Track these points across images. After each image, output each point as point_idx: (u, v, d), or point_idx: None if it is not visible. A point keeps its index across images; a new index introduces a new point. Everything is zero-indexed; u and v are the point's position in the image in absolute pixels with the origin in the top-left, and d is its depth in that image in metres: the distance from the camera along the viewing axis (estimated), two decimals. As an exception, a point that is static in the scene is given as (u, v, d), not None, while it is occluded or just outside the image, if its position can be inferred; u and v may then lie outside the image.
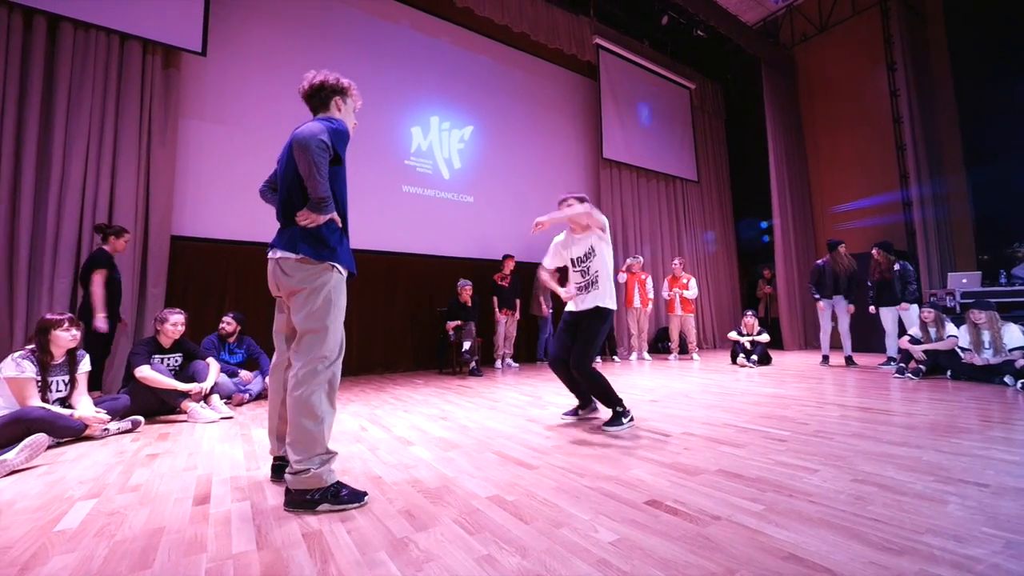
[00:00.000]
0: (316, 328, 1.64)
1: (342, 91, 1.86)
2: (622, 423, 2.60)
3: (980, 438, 2.18)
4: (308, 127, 1.63)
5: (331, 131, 1.66)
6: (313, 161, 1.57)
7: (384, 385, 4.52)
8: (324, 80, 1.83)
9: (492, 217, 6.68)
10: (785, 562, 1.13)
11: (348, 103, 1.89)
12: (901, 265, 4.89)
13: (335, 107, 1.85)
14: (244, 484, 1.81)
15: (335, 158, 1.69)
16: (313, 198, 1.63)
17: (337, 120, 1.75)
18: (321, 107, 1.84)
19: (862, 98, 7.97)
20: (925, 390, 3.56)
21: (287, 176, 1.75)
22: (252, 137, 4.91)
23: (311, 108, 1.86)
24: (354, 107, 1.94)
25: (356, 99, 1.94)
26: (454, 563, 1.17)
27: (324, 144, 1.60)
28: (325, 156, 1.61)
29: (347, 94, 1.88)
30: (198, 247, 4.61)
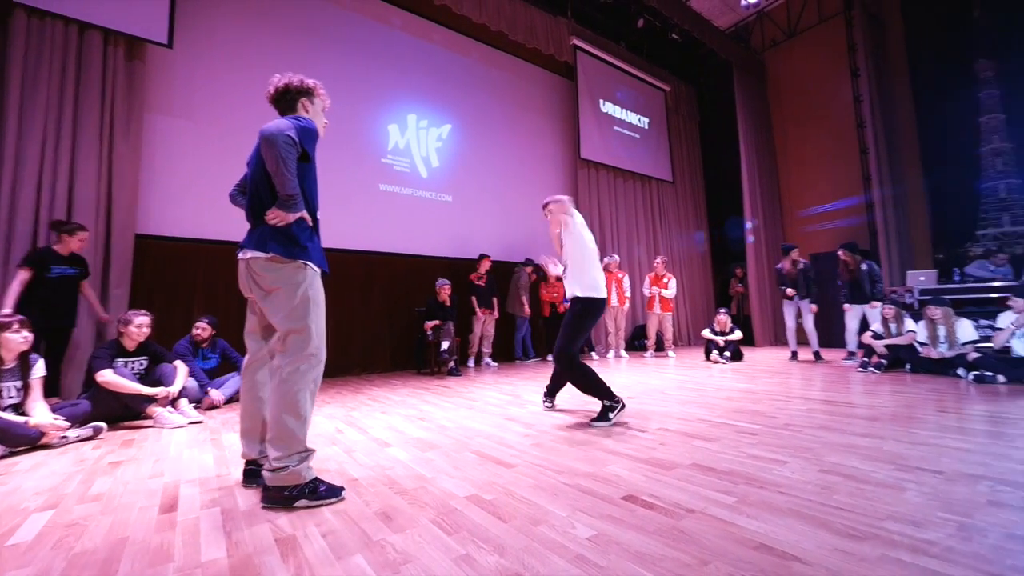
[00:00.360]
0: (299, 327, 1.65)
1: (308, 92, 1.85)
2: (608, 419, 2.61)
3: (936, 428, 2.29)
4: (275, 123, 1.62)
5: (298, 128, 1.65)
6: (280, 156, 1.56)
7: (361, 386, 4.46)
8: (289, 83, 1.82)
9: (470, 216, 6.65)
10: (756, 552, 1.16)
11: (316, 103, 1.89)
12: (868, 265, 5.09)
13: (302, 108, 1.85)
14: (214, 490, 1.76)
15: (303, 155, 1.68)
16: (281, 195, 1.62)
17: (305, 119, 1.74)
18: (288, 110, 1.84)
19: (828, 103, 8.27)
20: (887, 383, 3.72)
21: (256, 175, 1.73)
22: (223, 134, 4.76)
23: (279, 112, 1.85)
24: (322, 107, 1.93)
25: (323, 99, 1.93)
26: (431, 564, 1.16)
27: (291, 140, 1.59)
28: (292, 152, 1.60)
29: (313, 95, 1.87)
30: (165, 246, 4.44)
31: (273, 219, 1.65)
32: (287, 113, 1.83)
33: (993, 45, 6.76)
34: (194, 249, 4.58)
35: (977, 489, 1.50)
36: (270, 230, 1.67)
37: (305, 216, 1.72)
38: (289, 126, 1.61)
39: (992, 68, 6.78)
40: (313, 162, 1.77)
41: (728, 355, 5.61)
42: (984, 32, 6.83)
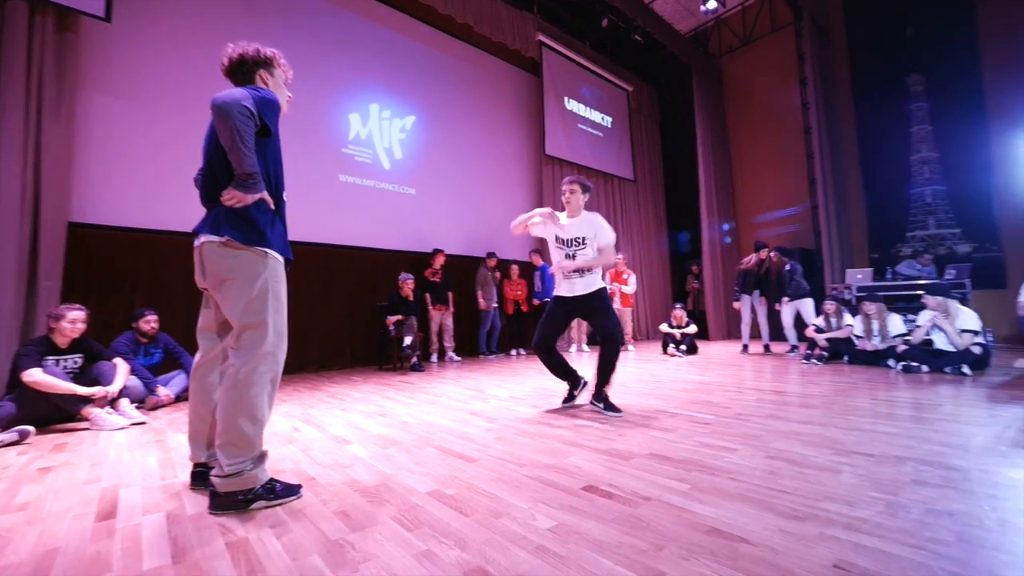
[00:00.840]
0: (255, 323, 1.52)
1: (266, 63, 1.71)
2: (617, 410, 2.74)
3: (869, 414, 2.47)
4: (228, 92, 1.47)
5: (257, 98, 1.50)
6: (236, 129, 1.42)
7: (320, 383, 4.33)
8: (244, 53, 1.67)
9: (435, 210, 6.57)
10: (707, 535, 1.22)
11: (276, 75, 1.75)
12: (791, 265, 5.51)
13: (260, 81, 1.70)
14: (158, 494, 1.66)
15: (263, 130, 1.54)
16: (238, 173, 1.47)
17: (264, 89, 1.61)
18: (245, 82, 1.68)
19: (778, 108, 8.70)
20: (827, 374, 3.98)
21: (210, 151, 1.59)
22: (171, 116, 4.46)
23: (235, 84, 1.70)
24: (284, 79, 1.78)
25: (284, 70, 1.78)
26: (391, 561, 1.15)
27: (248, 111, 1.45)
28: (250, 125, 1.46)
29: (272, 65, 1.73)
30: (103, 236, 4.13)
31: (229, 200, 1.50)
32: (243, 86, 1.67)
33: (923, 61, 7.31)
34: (137, 239, 4.28)
35: (903, 469, 1.63)
36: (226, 212, 1.52)
37: (266, 198, 1.57)
38: (245, 95, 1.47)
39: (922, 83, 7.33)
40: (274, 137, 1.63)
41: (684, 348, 5.83)
42: (916, 49, 7.38)
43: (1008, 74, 6.66)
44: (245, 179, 1.48)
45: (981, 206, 6.76)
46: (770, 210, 8.90)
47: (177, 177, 4.41)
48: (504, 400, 3.23)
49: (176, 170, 4.41)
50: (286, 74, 1.79)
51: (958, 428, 2.15)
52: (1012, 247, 6.50)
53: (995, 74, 6.76)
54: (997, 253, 6.60)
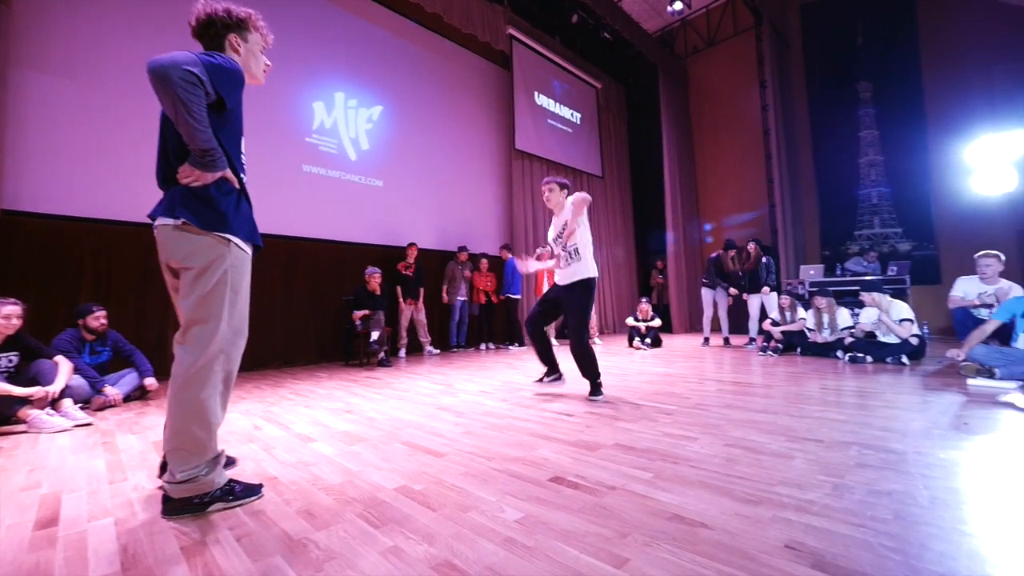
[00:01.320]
0: (205, 317, 1.39)
1: (238, 25, 1.52)
2: (602, 392, 2.96)
3: (819, 403, 2.62)
4: (170, 54, 1.26)
5: (207, 64, 1.31)
6: (179, 99, 1.23)
7: (282, 380, 4.19)
8: (212, 12, 1.48)
9: (403, 203, 6.45)
10: (669, 522, 1.26)
11: (251, 40, 1.55)
12: (767, 259, 5.72)
13: (230, 48, 1.51)
14: (105, 499, 1.57)
15: (218, 102, 1.37)
16: (193, 150, 1.31)
17: (221, 56, 1.41)
18: (214, 47, 1.50)
19: (740, 109, 9.01)
20: (782, 365, 4.18)
21: (161, 126, 1.44)
22: (114, 94, 4.18)
23: (204, 48, 1.52)
24: (261, 45, 1.59)
25: (263, 34, 1.58)
26: (357, 558, 1.13)
27: (192, 77, 1.25)
28: (196, 93, 1.27)
29: (245, 28, 1.53)
30: (42, 224, 3.84)
31: (186, 177, 1.35)
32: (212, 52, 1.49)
33: (871, 70, 7.74)
34: (81, 229, 4.01)
35: (848, 454, 1.74)
36: (182, 192, 1.37)
37: (229, 176, 1.43)
38: (190, 59, 1.27)
39: (870, 89, 7.76)
40: (232, 112, 1.45)
41: (649, 342, 6.00)
42: (865, 58, 7.80)
43: (946, 85, 7.14)
44: (202, 155, 1.33)
45: (920, 208, 7.25)
46: (731, 208, 9.23)
47: (126, 161, 4.16)
48: (473, 394, 3.23)
49: (125, 153, 4.16)
50: (264, 39, 1.59)
51: (897, 414, 2.31)
52: (946, 246, 7.01)
53: (934, 85, 7.24)
54: (933, 252, 7.10)
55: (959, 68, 7.03)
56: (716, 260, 6.09)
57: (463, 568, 1.07)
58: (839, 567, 1.01)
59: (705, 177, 9.65)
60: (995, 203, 6.68)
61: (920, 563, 1.02)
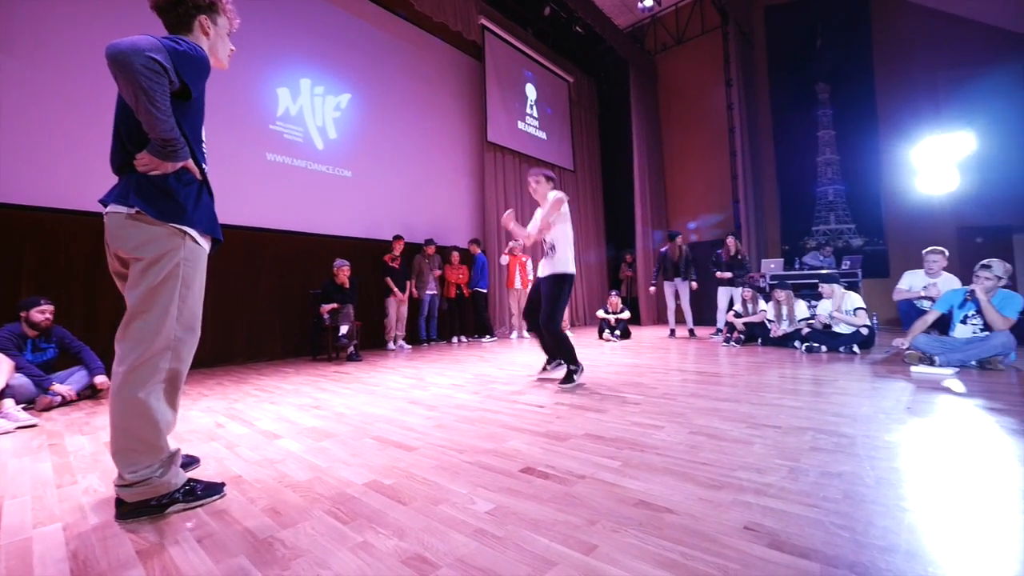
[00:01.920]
0: (149, 310, 1.31)
1: (209, 6, 1.45)
2: (573, 380, 3.07)
3: (777, 390, 2.74)
4: (130, 39, 1.19)
5: (171, 51, 1.24)
6: (141, 87, 1.16)
7: (246, 376, 4.06)
8: None
9: (373, 194, 6.31)
10: (636, 508, 1.30)
11: (220, 23, 1.49)
12: (742, 255, 5.93)
13: (200, 30, 1.45)
14: (53, 504, 1.49)
15: (183, 91, 1.31)
16: (154, 139, 1.24)
17: (187, 42, 1.33)
18: (180, 27, 1.43)
19: (707, 107, 9.23)
20: (744, 355, 4.35)
21: (117, 109, 1.36)
22: (58, 74, 3.89)
23: (167, 27, 1.44)
24: (228, 28, 1.53)
25: (230, 17, 1.53)
26: (325, 555, 1.11)
27: (155, 65, 1.18)
28: (161, 82, 1.20)
29: (215, 10, 1.47)
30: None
31: (143, 166, 1.29)
32: (179, 32, 1.42)
33: (829, 71, 8.07)
34: (20, 219, 3.73)
35: (803, 438, 1.83)
36: (137, 180, 1.30)
37: (191, 166, 1.37)
38: (153, 45, 1.20)
39: (827, 91, 8.10)
40: (196, 101, 1.38)
41: (618, 333, 6.12)
42: (823, 60, 8.13)
43: (896, 89, 7.53)
44: (163, 145, 1.26)
45: (871, 205, 7.66)
46: (698, 202, 9.48)
47: (72, 147, 3.91)
48: (445, 388, 3.22)
49: (71, 139, 3.90)
50: (231, 23, 1.54)
51: (848, 400, 2.45)
52: (895, 242, 7.43)
53: (885, 88, 7.63)
54: (883, 247, 7.52)
55: (907, 73, 7.43)
56: (664, 254, 6.28)
57: (433, 560, 1.07)
58: (793, 545, 1.07)
59: (673, 172, 9.86)
60: (938, 202, 7.12)
61: (866, 539, 1.08)
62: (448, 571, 1.03)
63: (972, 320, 3.42)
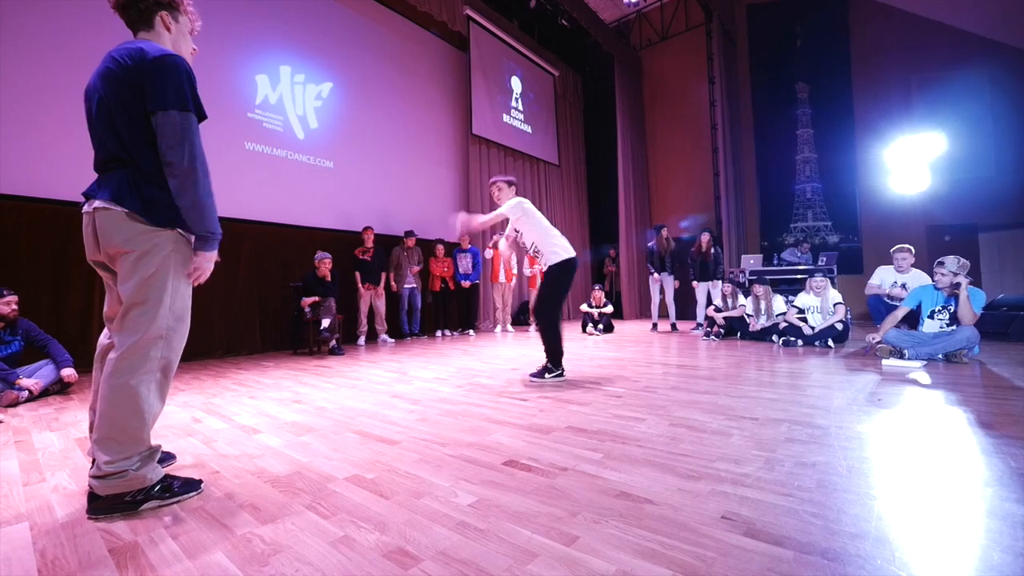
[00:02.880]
0: (144, 301, 1.32)
1: (169, 4, 1.45)
2: (544, 377, 3.03)
3: (755, 383, 2.80)
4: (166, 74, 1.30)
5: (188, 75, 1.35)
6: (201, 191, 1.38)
7: (225, 370, 3.97)
8: None
9: (355, 185, 6.21)
10: (617, 499, 1.32)
11: (181, 21, 1.50)
12: (716, 250, 6.02)
13: (161, 26, 1.44)
14: (19, 502, 1.43)
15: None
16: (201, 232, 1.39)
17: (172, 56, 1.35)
18: (142, 23, 1.42)
19: (690, 104, 9.33)
20: (723, 349, 4.44)
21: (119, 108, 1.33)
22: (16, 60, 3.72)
23: (128, 23, 1.43)
24: (189, 27, 1.53)
25: (192, 17, 1.53)
26: (305, 550, 1.10)
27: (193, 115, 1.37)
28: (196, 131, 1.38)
29: (176, 9, 1.48)
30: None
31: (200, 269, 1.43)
32: (140, 27, 1.41)
33: (809, 71, 8.22)
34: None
35: (779, 430, 1.88)
36: (131, 181, 1.32)
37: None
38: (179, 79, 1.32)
39: (806, 90, 8.26)
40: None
41: (602, 327, 6.18)
42: (803, 59, 8.27)
43: (871, 90, 7.72)
44: (211, 237, 1.40)
45: (847, 203, 7.86)
46: (680, 198, 9.59)
47: (30, 133, 3.74)
48: (428, 381, 3.21)
49: (30, 125, 3.73)
50: (192, 23, 1.54)
51: (823, 392, 2.52)
52: (869, 240, 7.65)
53: (861, 89, 7.81)
54: (857, 244, 7.73)
55: (882, 74, 7.62)
56: (652, 248, 6.36)
57: (415, 554, 1.07)
58: (769, 533, 1.10)
59: (657, 167, 9.95)
60: (910, 201, 7.35)
61: (838, 526, 1.12)
62: (430, 564, 1.03)
63: (939, 315, 3.55)
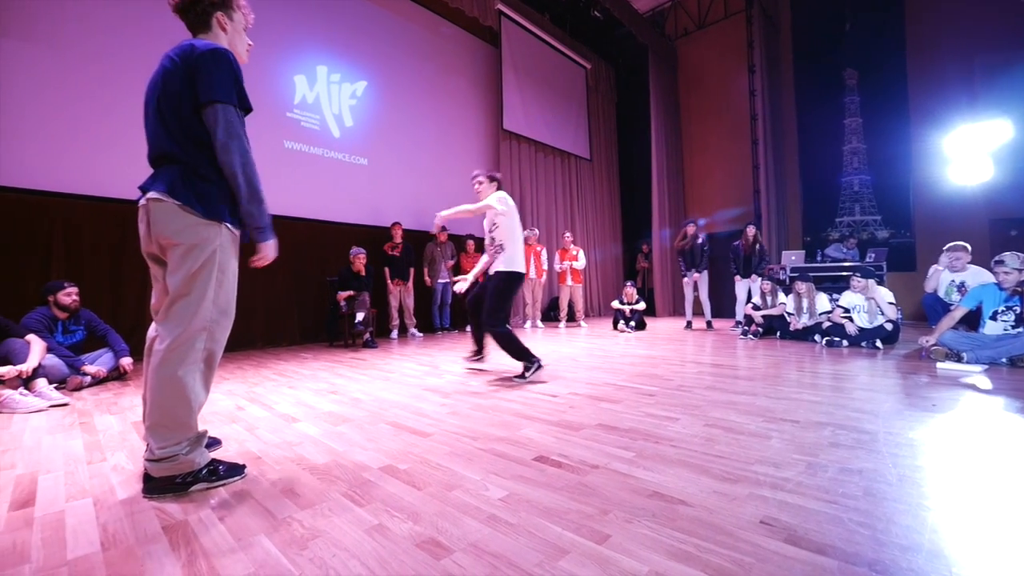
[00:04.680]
0: (190, 293, 1.39)
1: (224, 4, 1.52)
2: (526, 376, 2.96)
3: (796, 384, 2.69)
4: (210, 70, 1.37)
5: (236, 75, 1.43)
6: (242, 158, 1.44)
7: (265, 360, 4.15)
8: None
9: (388, 182, 6.33)
10: (649, 499, 1.29)
11: (235, 19, 1.56)
12: (760, 245, 5.81)
13: (218, 25, 1.52)
14: (84, 480, 1.55)
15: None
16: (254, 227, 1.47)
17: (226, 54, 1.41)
18: (200, 26, 1.51)
19: (728, 94, 8.99)
20: (762, 348, 4.28)
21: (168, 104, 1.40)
22: (81, 62, 3.97)
23: (188, 26, 1.52)
24: (244, 24, 1.60)
25: (245, 13, 1.59)
26: (342, 536, 1.14)
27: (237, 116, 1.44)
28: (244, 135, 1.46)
29: (230, 7, 1.54)
30: (8, 199, 3.67)
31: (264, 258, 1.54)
32: (199, 30, 1.50)
33: (858, 57, 7.76)
34: (50, 204, 3.85)
35: (822, 434, 1.80)
36: (184, 176, 1.39)
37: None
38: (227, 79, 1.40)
39: (855, 77, 7.80)
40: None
41: (633, 325, 6.07)
42: (852, 44, 7.81)
43: (929, 77, 7.21)
44: (264, 231, 1.48)
45: (899, 196, 7.40)
46: (717, 192, 9.28)
47: (96, 134, 3.99)
48: (459, 376, 3.24)
49: (96, 126, 3.99)
50: (246, 18, 1.60)
51: (870, 395, 2.39)
52: (923, 234, 7.18)
53: (917, 74, 7.31)
54: (910, 239, 7.28)
55: (942, 58, 7.10)
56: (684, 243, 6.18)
57: (447, 545, 1.09)
58: (810, 541, 1.05)
59: (692, 161, 9.66)
60: (971, 193, 6.84)
61: (887, 537, 1.06)
62: (461, 556, 1.04)
63: (1003, 316, 3.30)
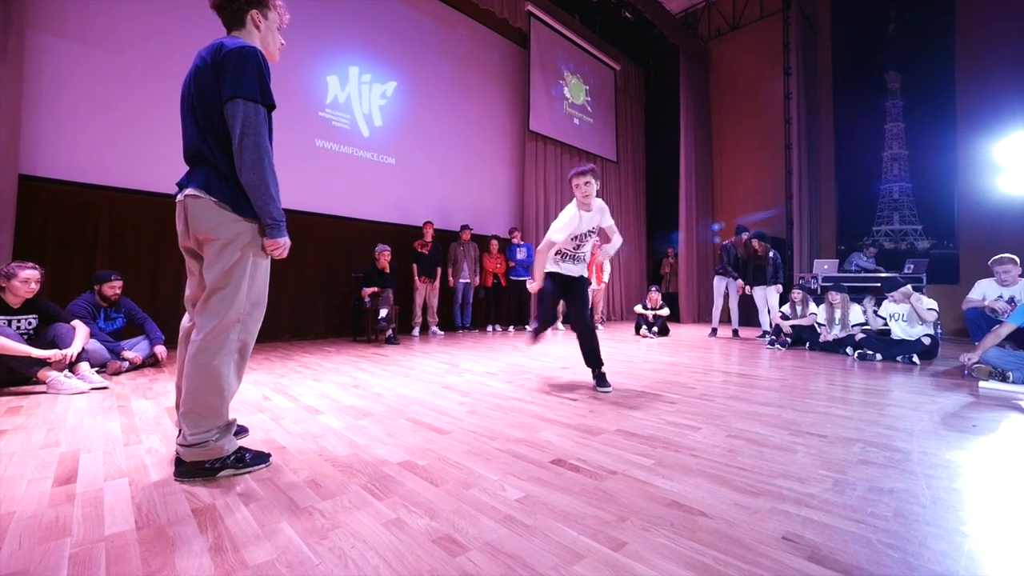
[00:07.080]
0: (226, 286, 1.45)
1: (259, 2, 1.57)
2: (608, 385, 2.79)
3: (825, 398, 2.60)
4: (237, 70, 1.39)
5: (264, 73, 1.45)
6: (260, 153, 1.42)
7: (291, 353, 4.26)
8: None
9: (415, 181, 6.42)
10: (668, 508, 1.27)
11: (270, 18, 1.61)
12: (774, 253, 5.63)
13: (252, 24, 1.57)
14: (121, 460, 1.62)
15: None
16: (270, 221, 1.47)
17: (249, 45, 1.46)
18: (235, 23, 1.56)
19: (762, 96, 8.76)
20: (789, 359, 4.15)
21: (199, 102, 1.46)
22: (128, 62, 4.17)
23: (224, 23, 1.57)
24: (278, 23, 1.64)
25: (280, 12, 1.63)
26: (361, 528, 1.16)
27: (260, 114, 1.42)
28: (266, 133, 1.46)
29: (266, 6, 1.59)
30: (59, 191, 3.89)
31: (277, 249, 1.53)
32: (234, 27, 1.55)
33: (902, 60, 7.44)
34: (95, 197, 4.05)
35: (851, 450, 1.74)
36: (219, 176, 1.45)
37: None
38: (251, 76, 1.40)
39: (898, 80, 7.48)
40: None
41: (656, 330, 5.98)
42: (896, 47, 7.50)
43: (979, 82, 6.86)
44: (278, 225, 1.48)
45: (943, 205, 7.05)
46: (747, 197, 9.05)
47: (140, 130, 4.19)
48: (478, 375, 3.26)
49: (140, 122, 4.19)
50: (281, 18, 1.64)
51: (904, 413, 2.29)
52: (968, 246, 6.83)
53: (967, 81, 6.95)
54: (953, 251, 6.93)
55: (993, 61, 6.74)
56: (730, 247, 6.01)
57: (463, 543, 1.10)
58: (836, 560, 1.02)
59: (722, 165, 9.45)
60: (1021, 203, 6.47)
61: (918, 561, 1.02)
62: (477, 555, 1.05)
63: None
